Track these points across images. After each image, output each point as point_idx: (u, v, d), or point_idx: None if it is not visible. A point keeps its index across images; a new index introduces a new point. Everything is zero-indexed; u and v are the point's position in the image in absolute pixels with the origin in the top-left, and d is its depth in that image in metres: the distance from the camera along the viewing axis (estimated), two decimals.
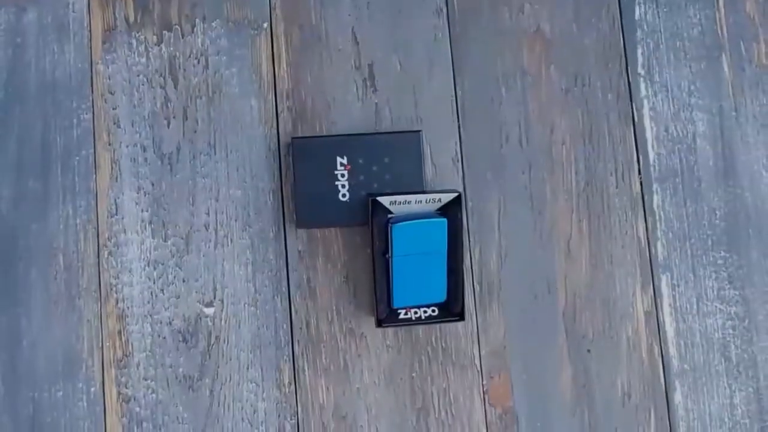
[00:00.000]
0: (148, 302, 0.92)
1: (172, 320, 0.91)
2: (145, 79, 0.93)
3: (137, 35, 0.93)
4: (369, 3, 0.96)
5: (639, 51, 0.99)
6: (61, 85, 0.92)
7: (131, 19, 0.93)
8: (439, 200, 0.90)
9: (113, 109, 0.92)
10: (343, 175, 0.92)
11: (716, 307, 0.98)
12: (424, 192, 0.92)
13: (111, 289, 0.91)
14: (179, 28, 0.93)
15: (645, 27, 0.99)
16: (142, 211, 0.92)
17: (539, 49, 0.98)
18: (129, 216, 0.92)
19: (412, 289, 0.91)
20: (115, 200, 0.92)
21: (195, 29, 0.94)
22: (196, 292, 0.92)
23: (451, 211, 0.91)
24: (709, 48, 1.00)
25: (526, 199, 0.97)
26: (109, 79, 0.92)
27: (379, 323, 0.91)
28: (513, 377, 0.94)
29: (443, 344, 0.94)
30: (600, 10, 0.99)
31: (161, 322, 0.91)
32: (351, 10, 0.95)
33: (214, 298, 0.92)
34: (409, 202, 0.89)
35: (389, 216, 0.90)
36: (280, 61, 0.94)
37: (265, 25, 0.94)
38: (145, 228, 0.92)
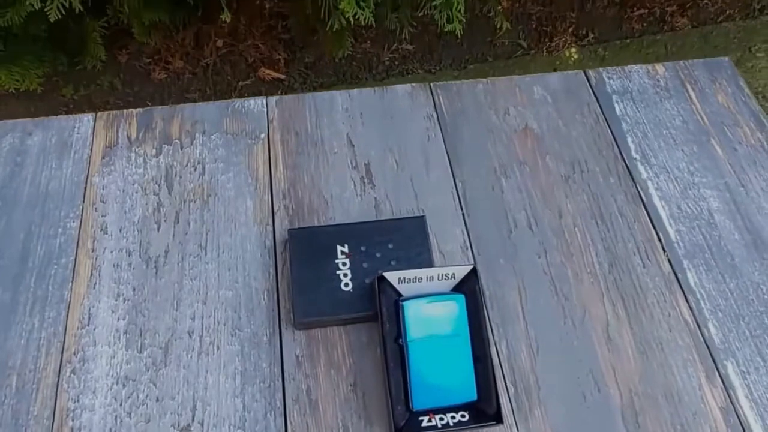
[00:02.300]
0: (111, 430, 0.49)
1: None
2: (139, 188, 0.61)
3: (137, 149, 0.64)
4: (362, 113, 0.68)
5: (629, 140, 0.68)
6: (52, 197, 0.60)
7: (133, 136, 0.65)
8: (453, 276, 0.52)
9: (102, 216, 0.59)
10: (344, 264, 0.55)
11: None
12: (435, 267, 0.55)
13: (67, 416, 0.50)
14: (179, 142, 0.64)
15: (628, 120, 0.70)
16: (119, 319, 0.54)
17: (531, 143, 0.67)
18: (102, 326, 0.54)
19: (434, 385, 0.49)
20: (90, 309, 0.55)
21: (194, 142, 0.64)
22: (171, 413, 0.50)
23: (467, 287, 0.52)
24: (696, 134, 0.69)
25: (548, 283, 0.58)
26: (103, 189, 0.61)
27: None
28: None
29: None
30: (582, 107, 0.70)
31: None
32: (345, 120, 0.67)
33: (193, 419, 0.50)
34: (420, 279, 0.52)
35: (398, 298, 0.52)
36: (277, 164, 0.64)
37: (263, 135, 0.65)
38: (119, 338, 0.53)
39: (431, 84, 0.74)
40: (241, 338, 0.57)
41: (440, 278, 0.55)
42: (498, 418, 0.52)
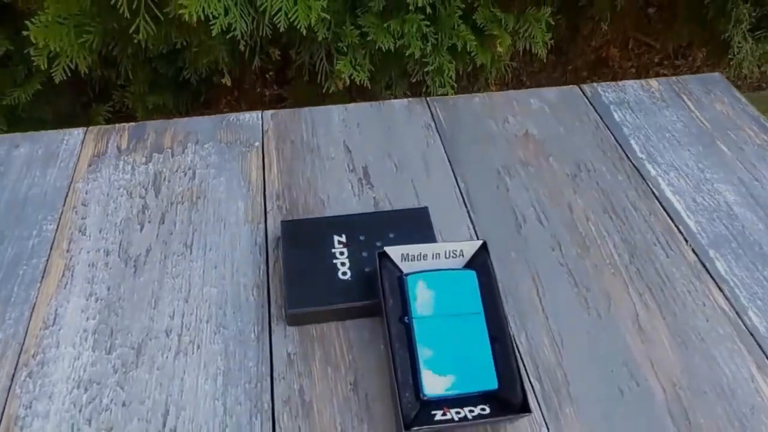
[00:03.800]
0: None
1: None
2: (125, 192, 0.59)
3: (126, 158, 0.62)
4: (359, 123, 0.67)
5: (632, 142, 0.67)
6: (32, 202, 0.58)
7: (123, 146, 0.63)
8: (462, 253, 0.48)
9: (82, 219, 0.56)
10: (342, 253, 0.51)
11: None
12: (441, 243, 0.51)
13: (15, 424, 0.43)
14: (170, 151, 0.63)
15: (628, 125, 0.69)
16: (88, 319, 0.49)
17: (533, 147, 0.66)
18: (69, 326, 0.48)
19: (446, 369, 0.42)
20: (56, 309, 0.49)
21: (186, 150, 0.63)
22: (139, 419, 0.43)
23: (478, 263, 0.48)
24: (699, 137, 0.68)
25: (566, 275, 0.54)
26: (86, 194, 0.59)
27: (407, 426, 0.40)
28: None
29: None
30: (580, 116, 0.70)
31: None
32: (341, 128, 0.67)
33: (164, 426, 0.43)
34: (425, 257, 0.48)
35: (402, 274, 0.47)
36: (271, 168, 0.62)
37: (257, 143, 0.64)
38: (86, 339, 0.47)
39: (427, 98, 0.74)
40: (225, 336, 0.50)
41: (447, 255, 0.50)
42: (525, 409, 0.43)
